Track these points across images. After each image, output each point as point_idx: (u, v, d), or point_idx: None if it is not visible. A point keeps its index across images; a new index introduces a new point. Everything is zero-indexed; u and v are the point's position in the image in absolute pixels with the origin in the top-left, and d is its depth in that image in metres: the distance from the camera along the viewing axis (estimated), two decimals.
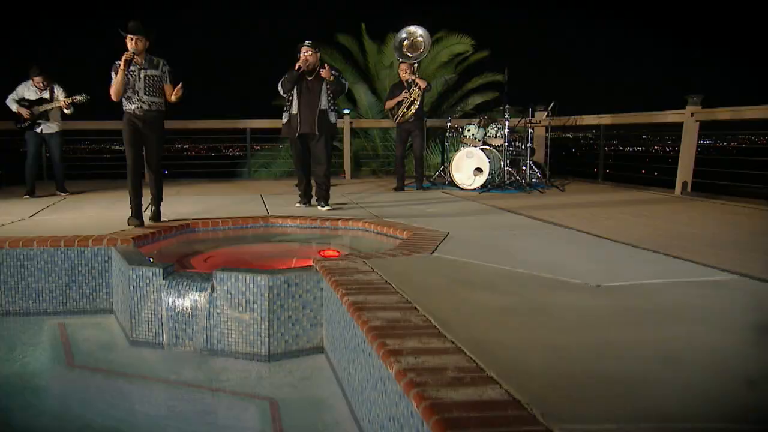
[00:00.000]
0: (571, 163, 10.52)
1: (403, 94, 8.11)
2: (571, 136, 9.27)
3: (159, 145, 5.51)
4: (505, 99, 8.86)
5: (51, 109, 7.38)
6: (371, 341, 2.49)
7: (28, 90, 7.45)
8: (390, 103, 8.28)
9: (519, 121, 8.89)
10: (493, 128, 8.83)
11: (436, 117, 12.37)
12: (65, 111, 7.41)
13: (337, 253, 4.72)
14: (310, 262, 3.93)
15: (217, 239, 5.36)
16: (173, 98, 5.47)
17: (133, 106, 5.34)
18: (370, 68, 13.24)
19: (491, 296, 3.10)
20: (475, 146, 8.60)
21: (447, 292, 3.17)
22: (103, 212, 6.32)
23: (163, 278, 3.89)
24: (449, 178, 8.66)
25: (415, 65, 8.18)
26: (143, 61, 5.36)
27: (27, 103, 7.40)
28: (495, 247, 4.39)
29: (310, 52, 6.31)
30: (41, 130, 7.49)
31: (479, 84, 13.33)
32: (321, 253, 4.82)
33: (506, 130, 8.40)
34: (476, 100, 13.20)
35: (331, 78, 6.37)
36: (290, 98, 6.41)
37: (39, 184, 7.83)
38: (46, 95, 7.44)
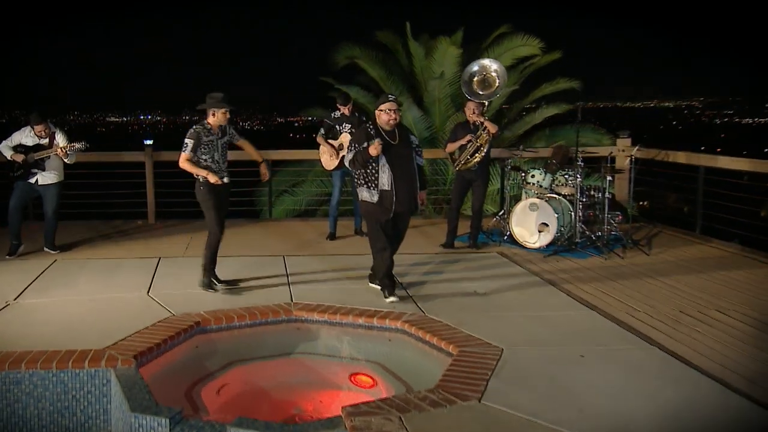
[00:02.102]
0: (659, 204, 10.43)
1: (468, 138, 8.21)
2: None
3: (227, 209, 6.78)
4: (576, 124, 8.88)
5: (47, 157, 7.73)
6: None
7: (26, 137, 7.82)
8: (452, 147, 8.40)
9: (603, 169, 8.81)
10: (563, 175, 8.85)
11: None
12: (64, 160, 7.75)
13: (370, 381, 4.90)
14: (339, 411, 4.11)
15: (232, 346, 5.59)
16: (248, 148, 6.87)
17: (218, 177, 6.40)
18: (417, 75, 13.36)
19: None
20: (541, 195, 8.65)
21: None
22: (100, 291, 6.63)
23: (170, 430, 4.13)
24: (509, 231, 8.74)
25: (486, 105, 8.27)
26: (219, 131, 6.46)
27: (23, 149, 7.77)
28: (562, 386, 4.49)
29: (393, 109, 6.33)
30: (36, 180, 7.86)
31: (550, 91, 13.32)
32: (352, 378, 5.01)
33: (579, 179, 8.41)
34: (546, 112, 13.20)
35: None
36: (373, 170, 6.29)
37: (24, 229, 8.15)
38: (45, 142, 7.80)
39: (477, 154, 8.17)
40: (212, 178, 6.37)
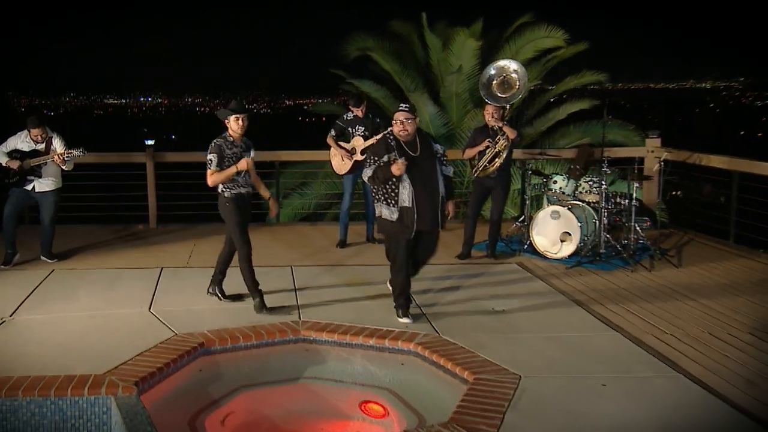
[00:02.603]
0: (689, 209, 10.37)
1: (486, 144, 8.23)
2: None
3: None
4: (603, 124, 8.90)
5: (44, 163, 7.82)
6: None
7: (22, 141, 7.90)
8: (470, 152, 8.42)
9: (630, 176, 8.79)
10: (587, 181, 8.85)
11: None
12: (62, 167, 7.84)
13: (381, 410, 4.96)
14: None
15: (237, 369, 5.66)
16: (254, 180, 6.75)
17: (242, 190, 6.53)
18: (433, 68, 13.37)
19: None
20: (563, 202, 8.66)
21: None
22: (100, 305, 6.71)
23: None
24: (529, 240, 8.76)
25: (506, 109, 8.27)
26: (242, 144, 6.48)
27: (18, 155, 7.86)
28: (582, 421, 4.52)
29: (407, 119, 6.23)
30: (33, 187, 7.95)
31: (575, 85, 13.31)
32: (362, 407, 5.07)
33: (604, 186, 8.41)
34: (571, 107, 13.17)
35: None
36: (393, 185, 6.20)
37: (20, 234, 8.23)
38: (42, 147, 7.89)
39: (496, 161, 8.19)
40: (242, 164, 6.40)
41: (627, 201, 8.66)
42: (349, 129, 8.88)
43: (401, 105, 6.36)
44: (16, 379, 5.04)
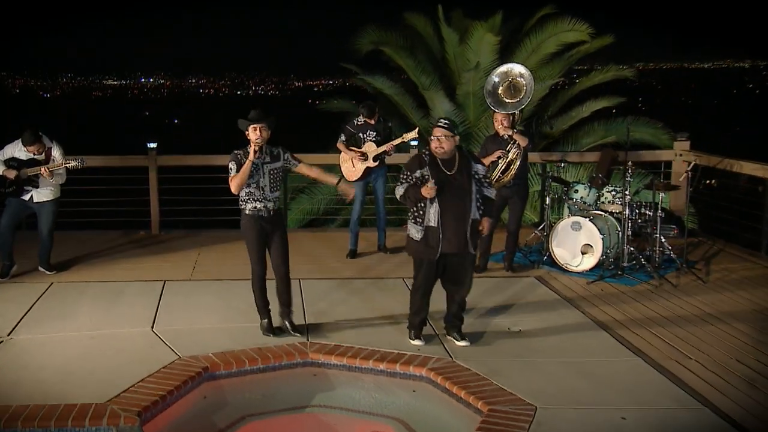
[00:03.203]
0: (719, 216, 10.41)
1: (498, 153, 8.31)
2: (713, 183, 9.17)
3: (286, 243, 6.63)
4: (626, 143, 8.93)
5: (40, 173, 7.98)
6: None
7: (19, 150, 8.05)
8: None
9: (655, 185, 8.80)
10: (610, 191, 8.93)
11: (536, 130, 12.51)
12: (50, 180, 7.98)
13: None
14: None
15: (243, 396, 5.80)
16: (315, 174, 6.94)
17: (259, 205, 6.43)
18: (449, 63, 13.47)
19: None
20: (585, 212, 8.74)
21: None
22: (100, 324, 6.88)
23: None
24: (548, 251, 8.84)
25: (516, 115, 8.36)
26: (265, 155, 6.43)
27: (15, 164, 8.02)
28: None
29: (445, 136, 6.23)
30: (31, 197, 8.12)
31: (600, 81, 13.36)
32: None
33: (628, 197, 8.47)
34: (595, 105, 13.23)
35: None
36: (422, 204, 6.27)
37: (17, 243, 8.41)
38: (41, 156, 8.05)
39: (508, 171, 8.28)
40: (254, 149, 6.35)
41: (652, 211, 8.69)
42: (360, 134, 8.98)
43: (440, 120, 6.36)
44: (15, 408, 5.20)
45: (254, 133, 6.33)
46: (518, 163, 8.30)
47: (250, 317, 6.93)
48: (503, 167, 8.31)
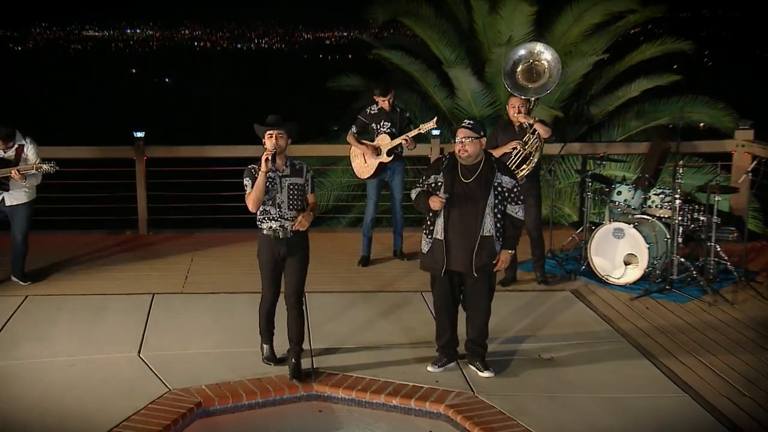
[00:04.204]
0: None
1: (513, 145, 8.32)
2: None
3: (304, 271, 6.58)
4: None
5: (10, 175, 8.14)
6: None
7: None
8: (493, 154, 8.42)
9: (709, 189, 8.79)
10: (658, 193, 8.97)
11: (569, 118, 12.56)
12: (22, 182, 8.14)
13: None
14: None
15: None
16: (306, 218, 6.40)
17: (275, 225, 6.36)
18: (478, 35, 13.48)
19: None
20: (629, 217, 8.80)
21: None
22: (81, 347, 7.03)
23: None
24: (586, 260, 8.92)
25: (532, 102, 8.40)
26: (285, 167, 6.35)
27: None
28: None
29: (465, 138, 6.31)
30: (2, 199, 8.30)
31: (652, 55, 13.32)
32: None
33: (678, 200, 8.50)
34: (645, 84, 13.20)
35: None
36: (432, 213, 6.44)
37: None
38: (11, 155, 8.21)
39: (525, 165, 8.31)
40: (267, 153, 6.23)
41: (707, 216, 8.67)
42: (374, 125, 9.06)
43: (464, 122, 6.46)
44: None
45: (269, 141, 6.26)
46: (537, 157, 8.32)
47: (248, 340, 7.05)
48: (519, 161, 8.30)
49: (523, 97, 8.34)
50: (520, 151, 8.29)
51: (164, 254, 9.83)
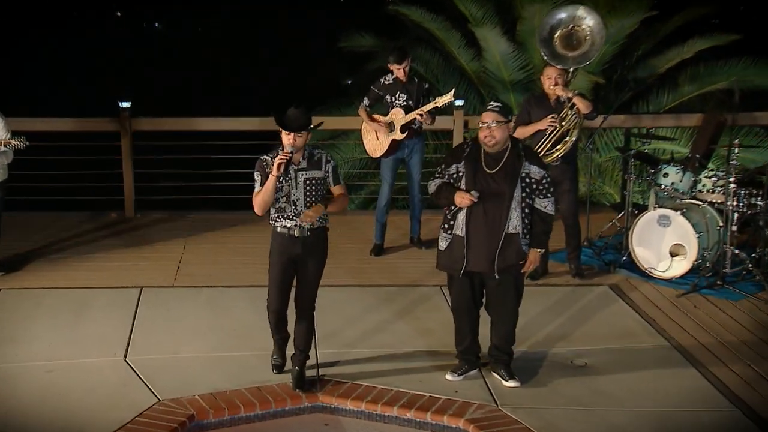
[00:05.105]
0: None
1: (549, 121, 8.29)
2: None
3: (318, 275, 6.53)
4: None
5: None
6: None
7: None
8: (523, 132, 8.31)
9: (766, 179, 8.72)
10: (710, 176, 8.94)
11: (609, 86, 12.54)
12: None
13: None
14: None
15: None
16: (334, 208, 6.44)
17: (290, 224, 6.27)
18: None
19: None
20: (676, 202, 8.82)
21: None
22: (60, 351, 7.09)
23: None
24: (628, 250, 8.95)
25: (571, 73, 8.39)
26: (302, 159, 6.25)
27: None
28: None
29: (491, 123, 6.24)
30: None
31: (705, 12, 13.24)
32: None
33: (733, 183, 8.47)
34: (698, 45, 13.12)
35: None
36: (452, 207, 6.44)
37: None
38: None
39: (560, 146, 8.30)
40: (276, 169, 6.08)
41: (766, 201, 8.58)
42: (388, 97, 9.06)
43: (491, 103, 6.37)
44: None
45: (287, 138, 6.12)
46: (575, 135, 8.30)
47: (246, 343, 7.14)
48: (554, 140, 8.27)
49: (560, 67, 8.31)
50: (556, 128, 8.27)
51: (153, 240, 9.90)
